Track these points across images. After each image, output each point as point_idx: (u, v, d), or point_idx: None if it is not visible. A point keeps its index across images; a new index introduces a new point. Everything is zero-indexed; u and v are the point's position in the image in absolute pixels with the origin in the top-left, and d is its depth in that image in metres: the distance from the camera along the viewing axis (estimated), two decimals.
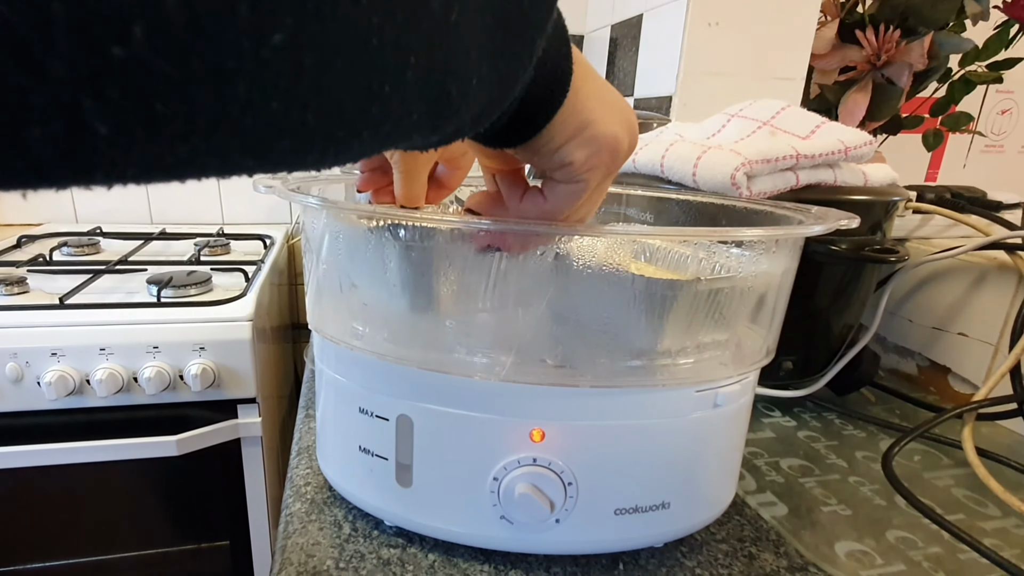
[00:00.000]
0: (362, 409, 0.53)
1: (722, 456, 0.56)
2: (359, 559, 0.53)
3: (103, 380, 1.06)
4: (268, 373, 1.30)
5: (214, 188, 1.77)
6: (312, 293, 0.57)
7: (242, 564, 1.30)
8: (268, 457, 1.25)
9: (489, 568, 0.53)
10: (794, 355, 0.82)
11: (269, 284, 1.37)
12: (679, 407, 0.50)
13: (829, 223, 0.49)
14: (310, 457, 0.68)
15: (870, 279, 0.84)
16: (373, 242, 0.51)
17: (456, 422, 0.49)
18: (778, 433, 0.79)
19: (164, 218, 1.77)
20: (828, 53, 1.24)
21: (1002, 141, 2.05)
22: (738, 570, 0.54)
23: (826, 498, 0.66)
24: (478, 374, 0.48)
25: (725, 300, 0.50)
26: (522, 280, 0.48)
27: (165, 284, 1.18)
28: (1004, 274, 0.85)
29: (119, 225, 1.69)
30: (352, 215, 0.53)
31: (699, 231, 0.50)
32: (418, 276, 0.50)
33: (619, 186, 0.76)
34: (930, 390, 0.95)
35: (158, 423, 1.13)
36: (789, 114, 0.77)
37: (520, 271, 0.47)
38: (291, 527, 0.57)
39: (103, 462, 1.12)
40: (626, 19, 1.47)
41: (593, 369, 0.49)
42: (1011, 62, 1.24)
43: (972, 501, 0.67)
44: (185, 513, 1.25)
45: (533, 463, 0.49)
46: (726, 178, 0.67)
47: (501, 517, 0.50)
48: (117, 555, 1.23)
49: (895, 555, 0.58)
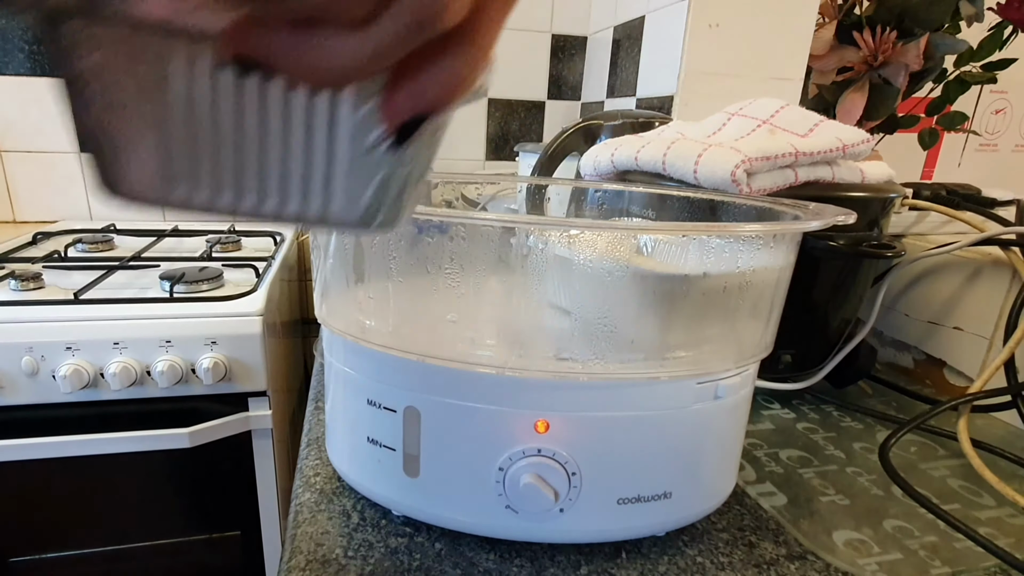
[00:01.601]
0: (370, 401, 0.53)
1: (722, 447, 0.56)
2: (367, 548, 0.53)
3: (117, 373, 1.06)
4: (278, 367, 1.30)
5: None
6: (320, 288, 0.57)
7: (253, 553, 1.31)
8: (278, 449, 1.25)
9: (495, 556, 0.53)
10: (793, 349, 0.81)
11: (279, 280, 1.38)
12: (680, 399, 0.50)
13: (827, 219, 0.49)
14: (319, 448, 0.68)
15: (867, 274, 0.84)
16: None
17: (462, 413, 0.49)
18: (777, 425, 0.79)
19: (177, 215, 1.76)
20: (826, 54, 1.24)
21: (996, 140, 2.05)
22: (738, 558, 0.54)
23: (824, 488, 0.66)
24: (484, 367, 0.48)
25: (725, 294, 0.50)
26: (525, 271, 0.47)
27: (177, 280, 1.19)
28: (998, 269, 0.84)
29: (132, 222, 1.70)
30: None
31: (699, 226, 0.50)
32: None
33: (622, 183, 0.76)
34: (926, 383, 0.95)
35: (170, 416, 1.14)
36: (788, 113, 0.76)
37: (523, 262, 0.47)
38: (301, 517, 0.57)
39: (117, 454, 1.13)
40: (628, 21, 1.47)
41: (596, 361, 0.49)
42: (1005, 63, 1.24)
43: (967, 491, 0.67)
44: (197, 504, 1.26)
45: (538, 454, 0.49)
46: (726, 175, 0.67)
47: (506, 506, 0.50)
48: (131, 545, 1.24)
49: (892, 544, 0.58)
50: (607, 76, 1.63)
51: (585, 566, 0.53)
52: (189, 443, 1.12)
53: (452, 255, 0.48)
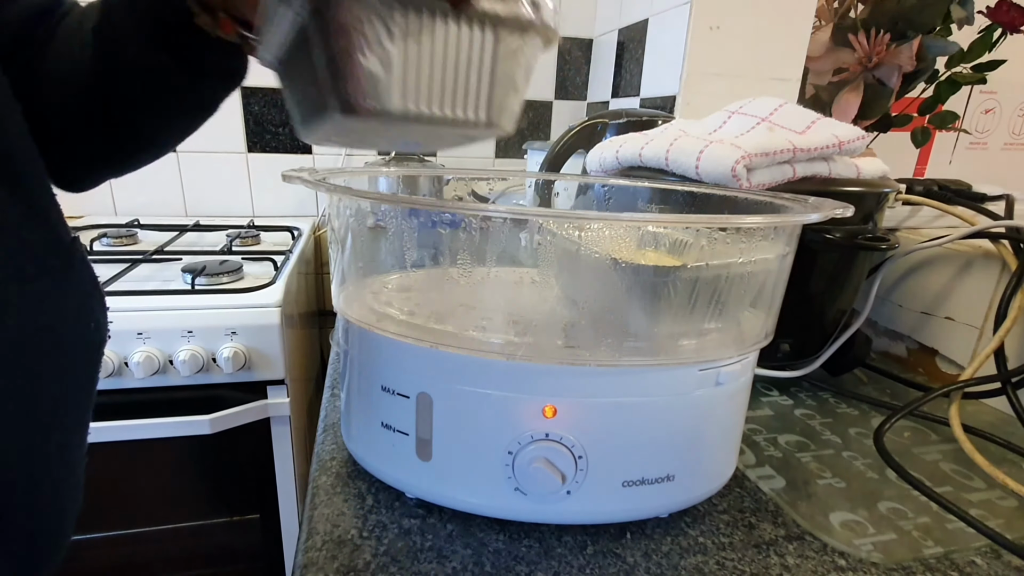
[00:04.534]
0: (384, 387, 0.53)
1: (723, 432, 0.55)
2: (382, 529, 0.53)
3: (140, 363, 1.06)
4: (296, 356, 1.30)
5: (245, 183, 1.78)
6: (337, 279, 0.57)
7: (272, 536, 1.31)
8: (296, 435, 1.25)
9: (504, 537, 0.53)
10: (791, 338, 0.81)
11: (297, 273, 1.38)
12: (683, 385, 0.50)
13: (825, 211, 0.49)
14: (335, 433, 0.68)
15: (862, 266, 0.83)
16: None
17: (473, 399, 0.49)
18: (776, 411, 0.79)
19: (198, 211, 1.78)
20: (822, 55, 1.23)
21: (986, 138, 2.05)
22: (739, 539, 0.54)
23: (821, 472, 0.66)
24: (494, 354, 0.48)
25: (726, 285, 0.50)
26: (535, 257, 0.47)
27: (199, 273, 1.19)
28: (988, 261, 0.84)
29: (156, 217, 1.70)
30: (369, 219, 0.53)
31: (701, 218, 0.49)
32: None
33: (627, 179, 0.75)
34: (919, 371, 0.94)
35: (192, 403, 1.14)
36: (786, 111, 0.76)
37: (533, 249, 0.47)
38: (318, 499, 0.57)
39: (140, 440, 1.13)
40: (632, 24, 1.47)
41: (601, 349, 0.48)
42: (994, 64, 1.24)
43: (959, 474, 0.67)
44: (218, 488, 1.26)
45: (546, 438, 0.49)
46: (727, 170, 0.67)
47: (515, 489, 0.50)
48: (154, 527, 1.24)
49: (886, 525, 0.57)
50: (612, 77, 1.62)
51: (591, 546, 0.52)
52: (210, 429, 1.13)
53: (464, 247, 0.48)
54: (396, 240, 0.51)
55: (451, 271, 0.50)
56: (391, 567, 0.49)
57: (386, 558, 0.50)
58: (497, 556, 0.51)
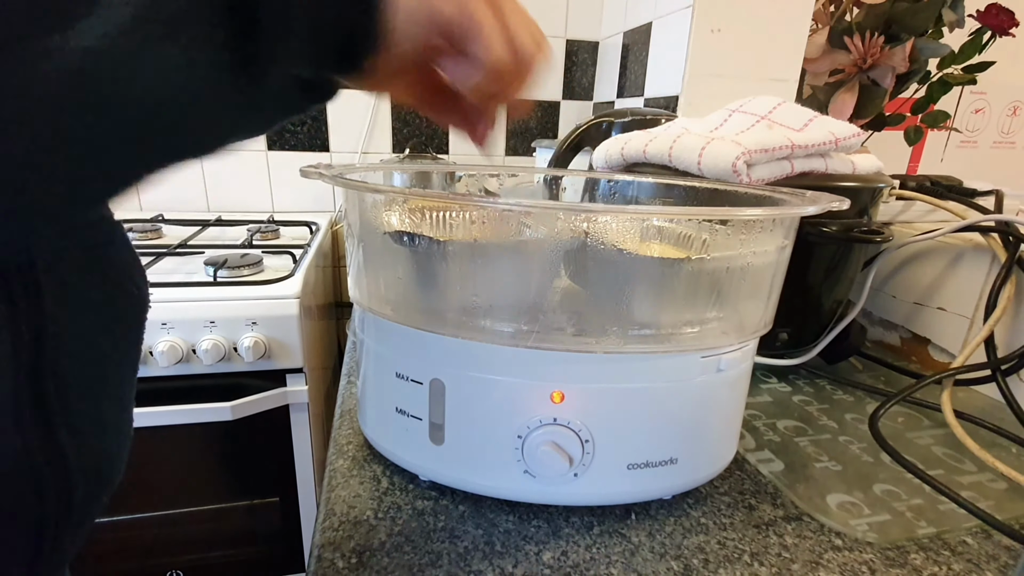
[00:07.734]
0: (398, 374, 0.53)
1: (724, 417, 0.55)
2: (396, 510, 0.53)
3: (165, 352, 1.07)
4: (314, 346, 1.30)
5: (265, 179, 1.78)
6: (354, 270, 0.57)
7: (290, 518, 1.31)
8: (314, 422, 1.26)
9: (514, 518, 0.53)
10: (789, 327, 0.81)
11: (315, 266, 1.38)
12: (686, 371, 0.50)
13: (823, 204, 0.48)
14: (352, 419, 0.68)
15: (858, 259, 0.83)
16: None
17: (484, 385, 0.49)
18: (775, 397, 0.78)
19: (220, 206, 1.78)
20: (819, 57, 1.23)
21: (976, 137, 2.04)
22: (739, 519, 0.54)
23: (818, 455, 0.65)
24: (504, 341, 0.48)
25: (727, 275, 0.50)
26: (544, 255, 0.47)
27: (221, 265, 1.19)
28: (979, 254, 0.83)
29: (179, 212, 1.71)
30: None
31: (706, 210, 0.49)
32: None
33: (631, 174, 0.75)
34: (912, 359, 0.94)
35: (214, 391, 1.14)
36: (785, 109, 0.76)
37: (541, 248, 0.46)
38: (335, 481, 0.57)
39: (165, 426, 1.14)
40: (637, 26, 1.46)
41: (607, 337, 0.48)
42: (984, 65, 1.24)
43: (950, 458, 0.67)
44: (238, 472, 1.26)
45: (554, 422, 0.49)
46: (728, 166, 0.66)
47: (525, 471, 0.50)
48: (178, 510, 1.25)
49: (881, 506, 0.57)
50: (617, 77, 1.62)
51: (597, 526, 0.52)
52: (231, 416, 1.13)
53: (476, 239, 0.48)
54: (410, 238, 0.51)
55: (463, 262, 0.50)
56: (405, 546, 0.49)
57: (400, 538, 0.50)
58: (507, 536, 0.51)
